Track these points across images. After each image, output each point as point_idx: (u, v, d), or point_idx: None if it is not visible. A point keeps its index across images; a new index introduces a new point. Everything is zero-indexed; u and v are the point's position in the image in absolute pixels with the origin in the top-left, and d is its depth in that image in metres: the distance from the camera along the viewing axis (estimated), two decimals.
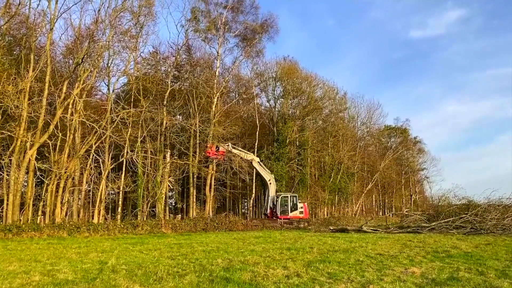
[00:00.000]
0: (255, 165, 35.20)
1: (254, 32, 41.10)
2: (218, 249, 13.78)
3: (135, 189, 30.94)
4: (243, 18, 40.85)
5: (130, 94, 32.14)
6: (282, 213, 33.93)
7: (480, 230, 19.51)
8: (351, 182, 54.06)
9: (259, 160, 36.20)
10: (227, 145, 33.64)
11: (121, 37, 30.33)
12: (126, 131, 28.69)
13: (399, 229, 22.45)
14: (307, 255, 11.68)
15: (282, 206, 34.45)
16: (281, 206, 34.37)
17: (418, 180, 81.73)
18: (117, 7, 28.16)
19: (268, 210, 34.99)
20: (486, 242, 14.61)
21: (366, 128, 62.85)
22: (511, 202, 23.02)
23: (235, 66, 42.31)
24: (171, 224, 27.44)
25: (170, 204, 40.24)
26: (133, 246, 15.52)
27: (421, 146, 76.87)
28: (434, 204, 31.17)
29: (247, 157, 34.79)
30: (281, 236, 20.16)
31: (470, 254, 11.23)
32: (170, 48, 35.97)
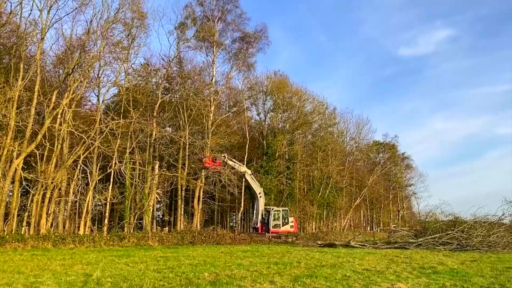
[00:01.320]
0: (247, 177, 35.18)
1: (245, 43, 41.63)
2: (205, 263, 13.69)
3: (123, 201, 30.66)
4: (234, 27, 41.42)
5: (120, 105, 32.05)
6: (274, 227, 33.89)
7: (466, 246, 19.68)
8: (339, 197, 54.22)
9: (251, 172, 36.22)
10: (223, 156, 33.71)
11: (113, 48, 30.44)
12: (115, 142, 28.52)
13: (387, 244, 22.54)
14: (295, 269, 11.66)
15: (275, 220, 34.42)
16: (273, 220, 34.34)
17: (405, 195, 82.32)
18: (110, 19, 28.26)
19: (258, 224, 34.79)
20: (472, 258, 14.73)
21: (355, 143, 63.32)
22: (497, 219, 23.32)
23: (228, 79, 42.65)
24: (158, 236, 27.17)
25: (157, 216, 39.89)
26: (119, 259, 15.34)
27: (409, 162, 77.78)
28: (421, 220, 31.39)
29: (241, 169, 34.83)
30: (269, 250, 20.09)
31: (456, 271, 11.32)
32: (162, 60, 36.08)
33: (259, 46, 42.54)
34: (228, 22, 41.03)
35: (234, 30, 41.61)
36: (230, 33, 41.68)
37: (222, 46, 40.96)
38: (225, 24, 41.03)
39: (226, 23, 41.01)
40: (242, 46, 42.13)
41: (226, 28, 41.35)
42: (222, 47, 40.90)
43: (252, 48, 42.28)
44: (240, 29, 41.55)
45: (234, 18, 40.99)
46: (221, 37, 41.01)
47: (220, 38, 40.54)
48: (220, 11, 40.01)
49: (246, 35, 41.69)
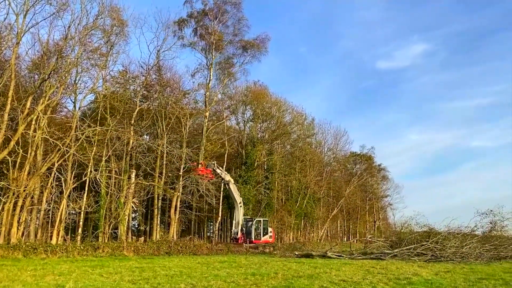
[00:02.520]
0: (231, 186, 35.27)
1: (243, 49, 41.72)
2: (182, 274, 13.50)
3: (97, 210, 30.01)
4: (234, 31, 41.39)
5: (96, 112, 31.55)
6: (256, 237, 33.96)
7: (440, 257, 20.01)
8: (317, 207, 54.54)
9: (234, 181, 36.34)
10: (213, 164, 33.78)
11: (91, 54, 30.01)
12: (91, 150, 28.02)
13: (363, 255, 22.72)
14: (272, 280, 11.62)
15: (256, 230, 34.53)
16: (255, 230, 34.47)
17: (381, 206, 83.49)
18: (88, 25, 27.88)
19: (239, 234, 34.64)
20: (446, 269, 14.99)
21: (332, 154, 64.06)
22: (470, 231, 23.85)
23: (224, 84, 42.74)
24: (133, 246, 26.68)
25: (133, 226, 39.23)
26: (93, 269, 14.97)
27: (385, 173, 78.93)
28: (397, 231, 31.80)
29: (226, 178, 35.17)
30: (246, 261, 19.98)
31: (430, 282, 11.48)
32: (141, 67, 35.77)
33: (256, 55, 42.46)
34: (227, 25, 41.05)
35: (232, 34, 41.57)
36: (227, 37, 41.58)
37: (221, 49, 40.71)
38: (224, 27, 41.02)
39: (225, 26, 41.00)
40: (238, 52, 42.17)
41: (224, 31, 41.27)
42: (220, 50, 40.66)
43: (249, 56, 42.35)
44: (238, 33, 41.52)
45: (234, 23, 41.06)
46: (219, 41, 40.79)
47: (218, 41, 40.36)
48: (220, 11, 39.94)
49: (248, 43, 41.55)
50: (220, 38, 39.87)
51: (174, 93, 38.16)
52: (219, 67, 41.96)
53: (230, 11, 40.51)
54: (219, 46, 40.01)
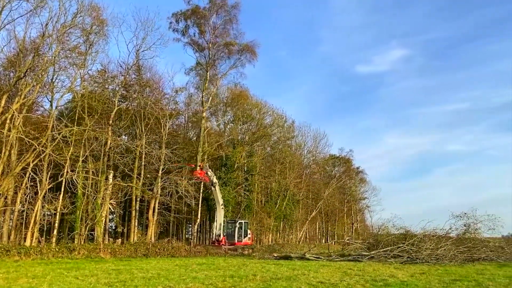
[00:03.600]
0: (217, 188, 35.33)
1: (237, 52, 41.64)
2: (159, 276, 13.38)
3: (74, 211, 29.45)
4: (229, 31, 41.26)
5: (74, 112, 30.99)
6: (239, 239, 34.11)
7: (416, 259, 20.37)
8: (296, 209, 54.80)
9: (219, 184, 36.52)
10: (206, 165, 34.42)
11: (69, 53, 29.45)
12: (68, 150, 27.48)
13: (341, 257, 22.95)
14: (250, 282, 11.64)
15: (239, 232, 34.69)
16: (238, 232, 34.63)
17: (359, 209, 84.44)
18: (67, 23, 27.36)
19: (221, 237, 34.53)
20: (421, 271, 15.27)
21: (312, 156, 64.53)
22: (445, 233, 24.37)
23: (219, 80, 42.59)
24: (110, 248, 26.29)
25: (110, 227, 38.64)
26: (68, 272, 14.71)
27: (363, 176, 79.94)
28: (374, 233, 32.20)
29: (214, 180, 35.21)
30: (224, 263, 19.95)
31: (406, 283, 11.69)
32: (120, 67, 35.27)
33: (250, 59, 42.36)
34: (226, 27, 40.99)
35: (230, 36, 41.52)
36: (223, 38, 41.43)
37: (219, 48, 40.51)
38: (222, 29, 40.93)
39: (224, 27, 40.93)
40: (234, 55, 41.96)
41: (222, 31, 41.11)
42: (218, 48, 40.44)
43: (244, 59, 42.20)
44: (238, 35, 41.39)
45: (233, 25, 41.10)
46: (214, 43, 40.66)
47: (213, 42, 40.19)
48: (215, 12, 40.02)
49: (245, 47, 41.37)
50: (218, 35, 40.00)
51: (154, 93, 37.81)
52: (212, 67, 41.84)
53: (230, 12, 40.59)
54: (215, 44, 40.09)
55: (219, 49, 40.99)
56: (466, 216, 24.84)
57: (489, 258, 21.30)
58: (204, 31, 39.85)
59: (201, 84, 40.42)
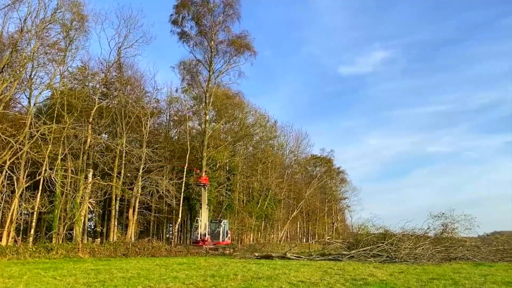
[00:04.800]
0: (206, 189, 35.31)
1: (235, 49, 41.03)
2: (139, 276, 13.24)
3: (52, 210, 28.93)
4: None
5: (53, 109, 30.42)
6: (223, 238, 34.39)
7: (395, 258, 20.63)
8: (277, 209, 54.98)
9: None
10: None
11: (48, 49, 28.91)
12: (46, 148, 26.96)
13: (321, 256, 23.10)
14: (231, 282, 11.62)
15: (223, 232, 34.95)
16: (222, 232, 34.89)
17: (340, 208, 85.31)
18: (46, 18, 26.86)
19: (206, 236, 34.46)
20: (400, 270, 15.48)
21: (294, 156, 64.76)
22: (423, 233, 24.76)
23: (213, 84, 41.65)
24: (89, 248, 25.91)
25: (89, 227, 38.12)
26: (46, 272, 14.43)
27: (344, 176, 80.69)
28: (354, 233, 32.51)
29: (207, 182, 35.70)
30: (206, 262, 19.86)
31: (385, 282, 11.83)
32: (101, 64, 34.78)
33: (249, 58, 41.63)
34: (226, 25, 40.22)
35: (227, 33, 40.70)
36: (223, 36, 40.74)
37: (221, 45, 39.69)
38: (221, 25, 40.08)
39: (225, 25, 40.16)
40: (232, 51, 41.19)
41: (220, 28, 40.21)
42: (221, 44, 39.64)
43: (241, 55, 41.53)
44: (242, 36, 40.61)
45: (230, 19, 40.29)
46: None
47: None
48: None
49: (245, 45, 40.63)
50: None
51: (135, 91, 37.43)
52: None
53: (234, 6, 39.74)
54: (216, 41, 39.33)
55: (221, 46, 40.19)
56: (444, 216, 25.27)
57: (465, 257, 21.71)
58: (206, 25, 39.03)
59: (195, 84, 39.92)
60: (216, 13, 39.43)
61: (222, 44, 40.44)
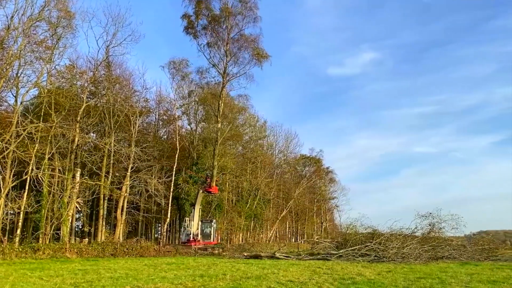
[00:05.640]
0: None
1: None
2: (127, 276, 13.16)
3: (38, 210, 28.58)
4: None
5: (40, 108, 30.04)
6: (213, 238, 34.63)
7: (382, 258, 20.81)
8: (266, 209, 55.04)
9: None
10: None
11: (35, 47, 28.55)
12: (33, 147, 26.62)
13: (310, 256, 23.21)
14: (220, 282, 11.61)
15: (214, 232, 35.18)
16: (213, 231, 35.14)
17: (328, 208, 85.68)
18: (33, 16, 26.53)
19: (198, 236, 34.47)
20: (387, 269, 15.62)
21: (283, 156, 64.98)
22: (410, 232, 25.01)
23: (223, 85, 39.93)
24: (76, 248, 25.66)
25: (76, 227, 37.77)
26: (32, 272, 14.26)
27: (333, 176, 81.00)
28: (343, 232, 32.77)
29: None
30: (194, 262, 19.80)
31: (373, 281, 11.93)
32: (89, 62, 34.42)
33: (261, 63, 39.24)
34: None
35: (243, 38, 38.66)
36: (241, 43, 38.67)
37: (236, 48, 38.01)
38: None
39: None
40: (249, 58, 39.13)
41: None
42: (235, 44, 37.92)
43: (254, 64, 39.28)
44: (255, 39, 38.49)
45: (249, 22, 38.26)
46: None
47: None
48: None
49: (260, 53, 38.37)
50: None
51: (124, 90, 37.15)
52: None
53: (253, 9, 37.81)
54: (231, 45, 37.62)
55: (236, 50, 38.32)
56: (431, 216, 25.57)
57: (452, 257, 21.99)
58: (222, 28, 37.41)
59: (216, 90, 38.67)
60: (234, 18, 37.80)
61: (239, 50, 38.62)
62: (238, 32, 38.08)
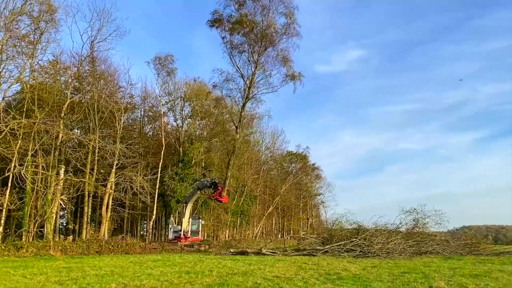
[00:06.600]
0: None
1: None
2: (113, 273, 13.07)
3: (22, 207, 28.14)
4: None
5: (23, 104, 29.52)
6: (200, 235, 34.78)
7: (368, 253, 21.04)
8: (253, 205, 55.09)
9: None
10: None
11: (17, 41, 28.01)
12: (15, 143, 26.17)
13: (296, 251, 23.35)
14: (206, 278, 11.61)
15: (201, 229, 35.30)
16: (201, 229, 35.24)
17: (314, 204, 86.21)
18: (15, 10, 26.01)
19: (189, 233, 34.39)
20: (372, 264, 15.79)
21: (269, 152, 65.03)
22: (395, 228, 25.32)
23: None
24: (61, 246, 25.33)
25: (61, 224, 37.29)
26: (15, 270, 14.06)
27: (319, 173, 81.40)
28: (328, 228, 32.96)
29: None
30: (180, 259, 19.75)
31: (358, 276, 12.06)
32: (73, 58, 33.90)
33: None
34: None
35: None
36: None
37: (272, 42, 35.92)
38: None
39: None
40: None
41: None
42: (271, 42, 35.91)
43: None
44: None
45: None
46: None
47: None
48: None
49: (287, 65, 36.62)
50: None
51: (108, 86, 36.73)
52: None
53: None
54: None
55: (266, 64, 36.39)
56: (415, 211, 25.92)
57: (435, 251, 22.34)
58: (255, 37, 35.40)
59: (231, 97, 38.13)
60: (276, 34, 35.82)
61: (270, 63, 36.94)
62: (272, 46, 36.24)
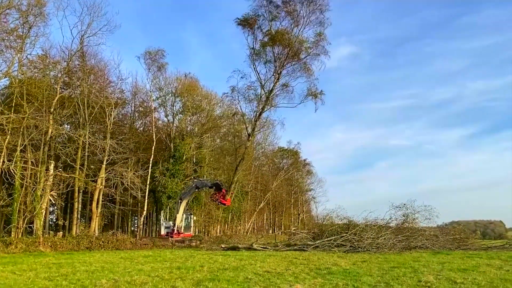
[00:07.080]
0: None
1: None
2: (103, 269, 13.02)
3: (11, 203, 27.87)
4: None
5: (11, 98, 29.16)
6: (192, 231, 34.78)
7: (358, 248, 21.17)
8: (244, 201, 55.11)
9: None
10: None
11: (5, 36, 27.61)
12: (4, 138, 25.89)
13: (287, 246, 23.44)
14: (197, 273, 11.61)
15: (193, 224, 35.31)
16: (192, 224, 35.24)
17: (305, 200, 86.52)
18: (3, 4, 25.64)
19: (182, 228, 34.37)
20: (362, 259, 15.91)
21: (261, 148, 65.00)
22: (385, 223, 25.50)
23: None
24: (50, 242, 25.19)
25: (50, 220, 37.01)
26: (4, 267, 13.94)
27: (310, 168, 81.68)
28: (319, 223, 33.09)
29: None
30: (171, 255, 19.72)
31: (348, 271, 12.14)
32: (62, 52, 33.49)
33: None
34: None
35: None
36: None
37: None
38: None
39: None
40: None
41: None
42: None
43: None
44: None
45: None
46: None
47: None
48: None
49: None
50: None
51: (99, 81, 36.42)
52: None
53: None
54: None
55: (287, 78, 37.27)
56: (405, 207, 26.12)
57: (424, 246, 22.54)
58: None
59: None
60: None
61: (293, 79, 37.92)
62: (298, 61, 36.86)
